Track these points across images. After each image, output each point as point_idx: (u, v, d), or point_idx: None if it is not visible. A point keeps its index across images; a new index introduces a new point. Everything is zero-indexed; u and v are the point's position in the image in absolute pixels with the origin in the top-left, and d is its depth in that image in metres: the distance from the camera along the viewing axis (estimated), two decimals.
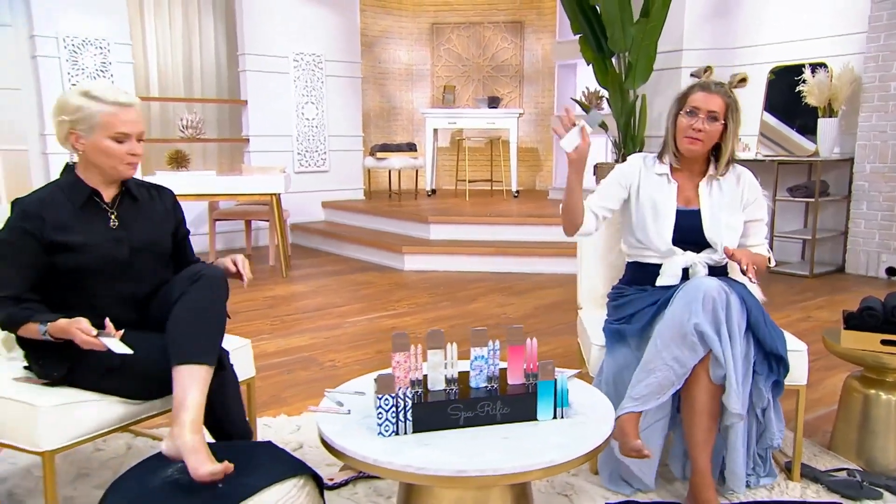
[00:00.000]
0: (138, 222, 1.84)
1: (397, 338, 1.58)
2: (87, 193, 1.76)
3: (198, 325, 1.66)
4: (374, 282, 4.99)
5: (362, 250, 5.89)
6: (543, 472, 1.44)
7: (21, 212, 1.70)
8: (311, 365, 3.19)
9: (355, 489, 2.03)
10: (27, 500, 1.98)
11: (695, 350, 1.74)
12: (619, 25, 5.60)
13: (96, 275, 1.73)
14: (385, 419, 1.52)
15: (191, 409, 1.55)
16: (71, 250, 1.71)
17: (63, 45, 5.35)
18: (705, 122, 1.95)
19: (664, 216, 2.01)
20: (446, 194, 7.64)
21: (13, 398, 1.65)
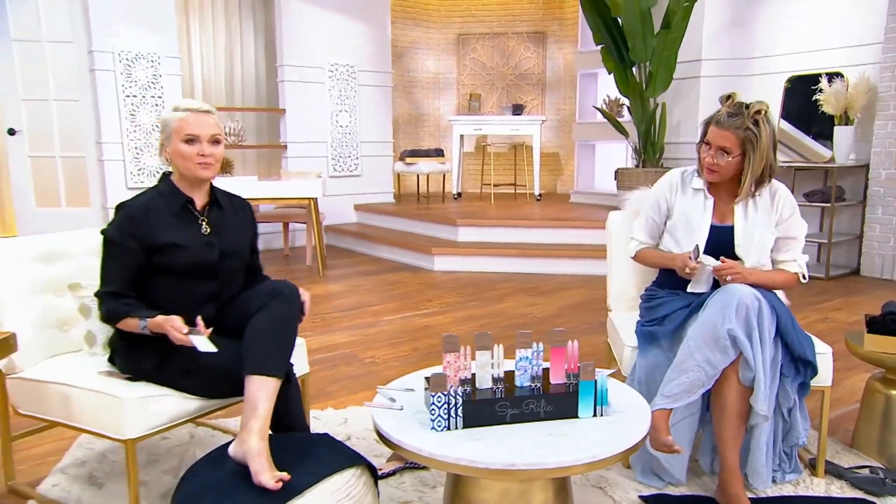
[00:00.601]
0: (225, 229, 1.91)
1: (448, 339, 1.63)
2: (183, 201, 1.85)
3: (272, 340, 1.71)
4: (405, 281, 5.05)
5: (393, 251, 5.95)
6: (586, 466, 1.48)
7: (126, 216, 1.79)
8: (353, 361, 3.25)
9: (402, 479, 2.08)
10: (106, 482, 2.06)
11: (726, 353, 1.77)
12: (641, 37, 5.61)
13: (187, 275, 1.81)
14: (438, 415, 1.57)
15: (260, 417, 1.60)
16: (167, 252, 1.79)
17: (118, 60, 5.49)
18: (716, 156, 1.95)
19: (698, 230, 2.02)
20: (471, 197, 7.68)
21: (101, 391, 1.74)
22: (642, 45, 5.63)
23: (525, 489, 1.61)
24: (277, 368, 1.68)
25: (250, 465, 1.52)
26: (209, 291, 1.87)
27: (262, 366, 1.67)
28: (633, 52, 5.68)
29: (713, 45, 5.91)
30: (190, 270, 1.82)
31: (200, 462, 1.68)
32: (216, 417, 2.48)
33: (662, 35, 5.57)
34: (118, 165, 5.65)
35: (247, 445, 1.55)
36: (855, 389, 2.72)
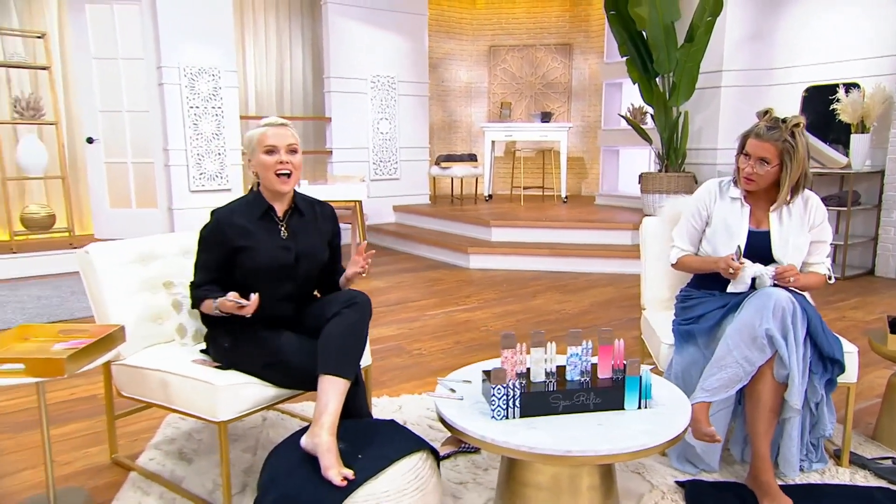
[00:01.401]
0: (303, 234, 1.98)
1: (506, 337, 1.70)
2: (265, 208, 1.94)
3: (345, 345, 1.77)
4: (443, 278, 5.12)
5: (430, 250, 6.03)
6: (634, 454, 1.54)
7: (215, 220, 1.90)
8: (401, 353, 3.33)
9: (456, 462, 2.14)
10: (194, 458, 2.17)
11: (763, 351, 1.81)
12: (665, 49, 5.59)
13: (266, 275, 1.89)
14: (497, 405, 1.64)
15: (331, 414, 1.66)
16: (246, 253, 1.88)
17: (183, 74, 5.65)
18: (756, 166, 1.98)
19: (736, 236, 2.05)
20: (502, 199, 7.72)
21: (197, 378, 1.83)
22: (666, 57, 5.62)
23: (575, 473, 1.67)
24: (348, 371, 1.74)
25: (320, 459, 1.58)
26: (287, 291, 1.95)
27: (334, 368, 1.73)
28: (658, 63, 5.67)
29: (734, 56, 5.87)
30: (268, 271, 1.89)
31: (282, 445, 1.75)
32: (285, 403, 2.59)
33: (686, 48, 5.55)
34: (182, 170, 5.82)
35: (318, 440, 1.62)
36: (874, 385, 2.73)
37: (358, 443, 1.69)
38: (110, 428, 2.16)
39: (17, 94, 5.60)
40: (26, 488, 2.00)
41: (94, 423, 2.45)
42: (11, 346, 1.72)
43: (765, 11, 5.78)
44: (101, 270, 2.05)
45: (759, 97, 5.77)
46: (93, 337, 1.76)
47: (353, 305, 1.83)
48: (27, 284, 4.82)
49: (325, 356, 1.74)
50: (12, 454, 2.23)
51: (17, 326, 1.80)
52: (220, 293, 1.84)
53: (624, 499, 1.87)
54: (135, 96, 5.81)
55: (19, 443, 2.31)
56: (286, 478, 1.61)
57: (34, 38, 5.68)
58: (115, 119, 5.87)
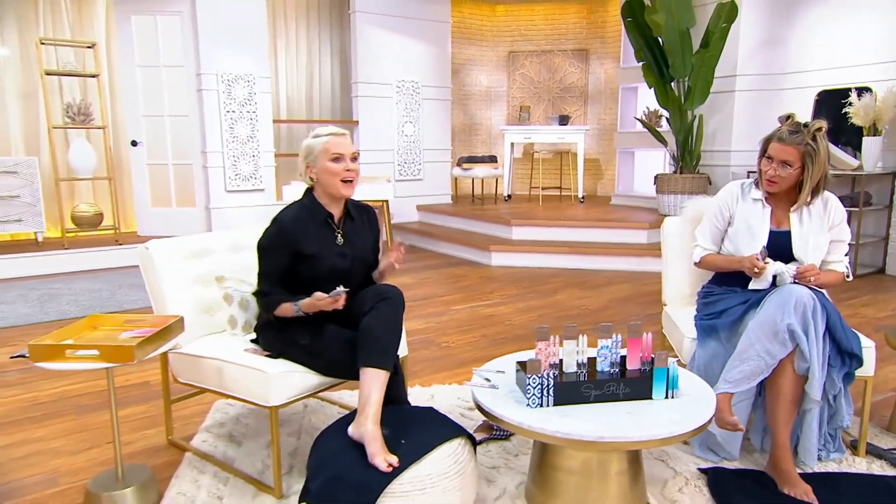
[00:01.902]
0: (356, 239, 2.02)
1: (540, 330, 1.74)
2: (325, 215, 1.96)
3: (382, 337, 1.79)
4: (467, 275, 5.15)
5: (453, 247, 6.06)
6: (662, 441, 1.57)
7: (278, 229, 1.89)
8: (430, 345, 3.37)
9: (488, 448, 2.17)
10: (243, 441, 2.24)
11: (785, 345, 1.83)
12: (680, 55, 5.58)
13: (323, 279, 1.92)
14: (533, 394, 1.68)
15: (373, 405, 1.69)
16: (309, 261, 1.91)
17: (220, 80, 5.74)
18: (778, 168, 2.00)
19: (758, 236, 2.06)
20: (521, 199, 7.74)
21: (250, 366, 1.88)
22: (682, 63, 5.60)
23: (604, 459, 1.70)
24: (387, 363, 1.78)
25: (367, 447, 1.62)
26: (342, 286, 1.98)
27: (374, 360, 1.76)
28: (673, 68, 5.65)
29: (748, 61, 5.83)
30: (326, 276, 1.92)
31: (328, 431, 1.80)
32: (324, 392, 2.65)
33: (701, 53, 5.53)
34: (219, 171, 5.93)
35: (364, 429, 1.66)
36: (888, 379, 2.72)
37: (400, 429, 1.73)
38: (167, 411, 2.23)
39: (68, 101, 5.74)
40: (95, 465, 2.08)
41: (148, 408, 2.54)
42: (84, 334, 1.80)
43: (778, 17, 5.73)
44: (160, 265, 2.12)
45: (773, 101, 5.73)
46: (156, 327, 1.83)
47: (386, 300, 1.85)
48: (79, 278, 4.95)
49: (365, 350, 1.78)
50: (78, 434, 2.31)
51: (87, 316, 1.88)
52: (291, 297, 1.87)
53: (649, 484, 1.90)
54: (175, 102, 5.92)
55: (82, 424, 2.39)
56: (335, 460, 1.66)
57: (84, 48, 5.81)
58: (157, 123, 5.99)
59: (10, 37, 5.94)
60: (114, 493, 1.77)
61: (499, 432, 2.24)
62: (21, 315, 3.86)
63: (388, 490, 1.54)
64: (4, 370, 2.99)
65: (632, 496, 1.74)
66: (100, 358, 1.63)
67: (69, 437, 2.29)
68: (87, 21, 6.25)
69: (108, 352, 1.62)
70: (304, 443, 2.22)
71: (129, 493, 1.79)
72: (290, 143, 7.15)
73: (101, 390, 2.71)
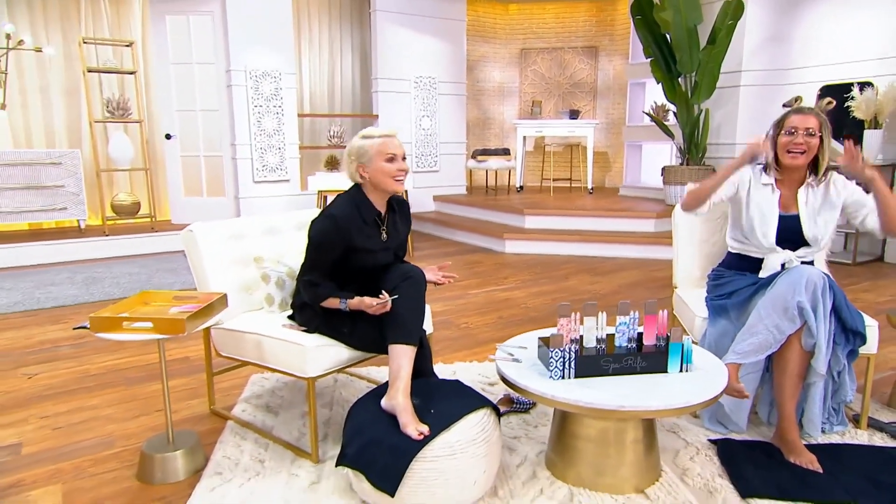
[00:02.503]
0: (394, 232, 2.02)
1: (562, 307, 1.76)
2: (375, 215, 1.94)
3: (407, 315, 1.81)
4: (482, 261, 5.17)
5: (468, 235, 6.08)
6: (678, 410, 1.59)
7: (332, 223, 1.86)
8: (450, 326, 3.40)
9: (509, 420, 2.20)
10: (280, 411, 2.29)
11: (794, 322, 1.84)
12: (688, 51, 5.52)
13: (368, 272, 1.94)
14: (555, 367, 1.71)
15: (403, 379, 1.72)
16: (357, 255, 1.92)
17: (249, 76, 5.78)
18: (803, 136, 1.98)
19: (769, 222, 2.05)
20: (532, 190, 7.73)
21: (289, 340, 1.92)
22: (689, 59, 5.55)
23: (621, 428, 1.73)
24: (413, 338, 1.80)
25: (399, 417, 1.65)
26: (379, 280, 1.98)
27: (401, 336, 1.79)
28: (681, 64, 5.60)
29: (753, 57, 5.76)
30: (371, 269, 1.95)
31: (361, 401, 1.83)
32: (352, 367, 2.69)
33: (708, 49, 5.47)
34: (247, 163, 5.98)
35: (395, 401, 1.69)
36: (889, 359, 2.71)
37: (430, 399, 1.76)
38: (209, 383, 2.29)
39: (108, 97, 5.80)
40: (145, 430, 2.14)
41: (190, 381, 2.59)
42: (137, 309, 1.85)
43: (783, 15, 5.66)
44: (203, 246, 2.16)
45: (776, 96, 5.67)
46: (202, 302, 1.87)
47: (409, 279, 1.87)
48: (119, 263, 5.04)
49: (392, 327, 1.81)
50: (128, 403, 2.38)
51: (139, 293, 1.93)
52: (338, 293, 1.89)
53: (662, 453, 1.92)
54: (206, 97, 5.97)
55: (132, 394, 2.46)
56: (370, 427, 1.70)
57: (122, 47, 5.87)
58: (190, 117, 6.04)
59: (55, 37, 6.01)
60: (166, 455, 1.82)
61: (519, 405, 2.27)
62: (69, 296, 3.95)
63: (420, 455, 1.58)
64: (58, 345, 3.07)
65: (646, 463, 1.76)
66: (153, 330, 1.67)
67: (120, 405, 2.36)
68: (125, 21, 6.31)
69: (161, 324, 1.67)
70: (336, 413, 2.26)
71: (180, 455, 1.84)
72: (313, 136, 7.18)
73: (147, 364, 2.78)
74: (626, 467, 1.73)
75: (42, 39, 5.94)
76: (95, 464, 1.92)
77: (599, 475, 1.73)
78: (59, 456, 1.97)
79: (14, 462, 1.95)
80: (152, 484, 1.80)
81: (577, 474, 1.76)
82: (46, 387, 2.54)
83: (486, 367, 2.71)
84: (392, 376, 1.76)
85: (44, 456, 1.98)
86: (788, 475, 1.78)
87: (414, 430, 1.61)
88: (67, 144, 6.12)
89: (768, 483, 1.74)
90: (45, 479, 1.84)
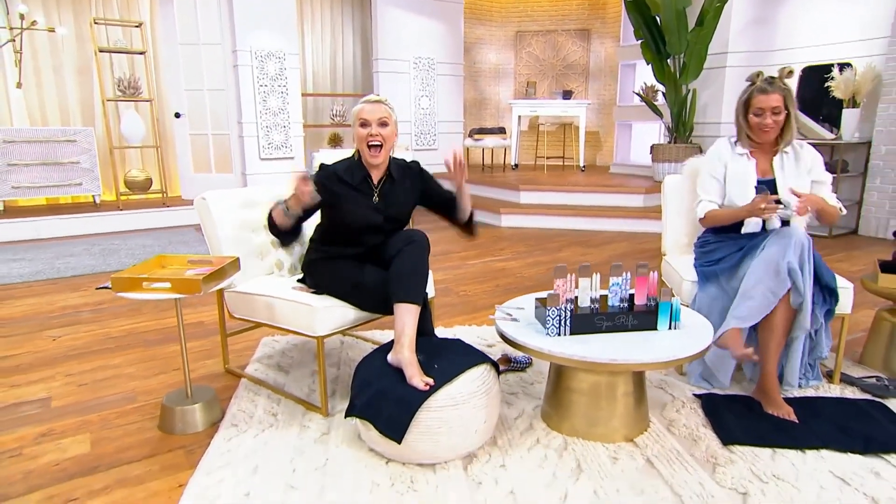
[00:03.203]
0: (392, 198, 2.00)
1: (558, 269, 1.76)
2: (363, 175, 1.96)
3: (412, 276, 1.81)
4: (480, 234, 5.12)
5: None
6: (666, 363, 1.61)
7: (324, 172, 1.95)
8: (450, 293, 3.40)
9: (506, 378, 2.22)
10: (290, 370, 2.30)
11: (785, 283, 1.83)
12: (677, 33, 5.45)
13: (357, 230, 1.95)
14: (552, 324, 1.72)
15: (408, 334, 1.72)
16: (339, 210, 1.92)
17: (254, 57, 5.68)
18: (770, 116, 2.00)
19: (748, 186, 2.07)
20: (526, 168, 7.68)
21: (298, 301, 1.92)
22: (677, 40, 5.47)
23: (612, 382, 1.75)
24: (417, 297, 1.80)
25: (405, 370, 1.66)
26: (375, 243, 1.99)
27: (406, 296, 1.79)
28: (670, 45, 5.53)
29: (738, 39, 5.69)
30: (359, 226, 1.94)
31: (368, 358, 1.84)
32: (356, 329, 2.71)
33: (696, 31, 5.40)
34: (253, 140, 5.91)
35: (401, 356, 1.70)
36: (861, 321, 2.74)
37: (433, 356, 1.77)
38: (223, 343, 2.30)
39: (119, 76, 5.71)
40: (165, 387, 2.16)
41: (205, 343, 2.60)
42: (155, 271, 1.85)
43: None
44: (216, 213, 2.15)
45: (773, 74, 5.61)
46: (216, 266, 1.87)
47: (413, 243, 1.86)
48: (133, 236, 5.02)
49: (397, 288, 1.80)
50: (147, 362, 2.39)
51: (156, 256, 1.92)
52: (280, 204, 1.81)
53: (651, 407, 1.95)
54: (213, 77, 5.87)
55: (151, 355, 2.47)
56: (377, 380, 1.71)
57: (132, 27, 5.75)
58: (198, 96, 5.96)
59: (66, 17, 5.88)
60: (185, 408, 1.84)
61: (516, 364, 2.29)
62: (87, 265, 3.94)
63: (426, 405, 1.60)
64: (79, 310, 3.07)
65: (636, 415, 1.79)
66: (171, 290, 1.67)
67: (140, 364, 2.37)
68: (134, 2, 6.17)
69: (178, 284, 1.67)
70: (343, 372, 2.28)
71: (198, 408, 1.86)
72: (316, 115, 7.10)
73: (163, 328, 2.79)
74: (616, 419, 1.76)
75: (54, 20, 5.81)
76: (120, 416, 1.94)
77: (592, 426, 1.76)
78: (85, 409, 1.99)
79: (45, 414, 1.97)
80: (173, 434, 1.82)
81: (571, 426, 1.78)
82: (70, 348, 2.55)
83: (484, 331, 2.73)
84: (397, 333, 1.77)
85: (72, 409, 2.00)
86: (767, 425, 1.81)
87: (420, 382, 1.62)
88: (81, 122, 6.03)
89: (748, 431, 1.77)
90: (74, 429, 1.86)
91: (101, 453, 1.72)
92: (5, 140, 5.00)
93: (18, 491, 1.55)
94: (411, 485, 1.57)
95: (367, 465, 1.65)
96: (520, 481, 1.57)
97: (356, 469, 1.63)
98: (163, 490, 1.54)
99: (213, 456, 1.69)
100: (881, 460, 1.66)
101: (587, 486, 1.55)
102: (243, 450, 1.73)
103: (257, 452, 1.72)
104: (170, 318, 2.91)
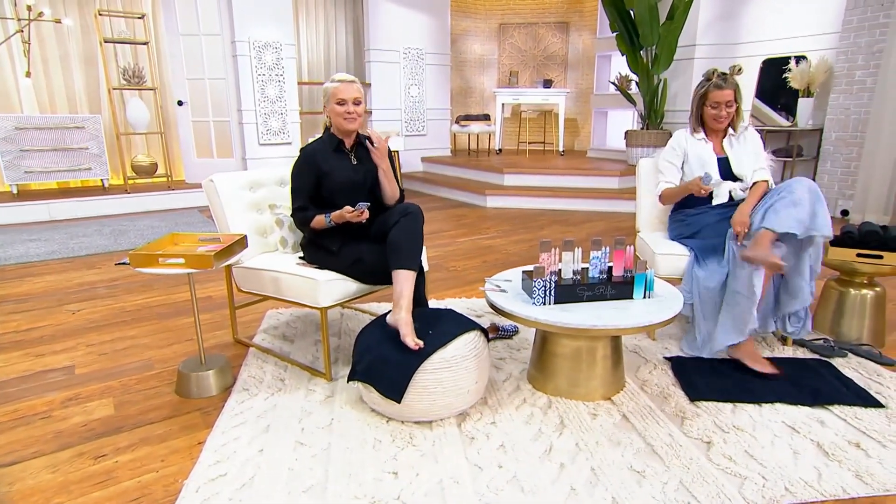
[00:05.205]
0: (367, 160, 2.04)
1: (543, 243, 1.78)
2: (337, 143, 2.01)
3: (408, 244, 1.83)
4: (467, 215, 5.16)
5: (453, 192, 6.04)
6: (641, 328, 1.64)
7: (303, 156, 1.98)
8: (441, 269, 3.41)
9: (495, 344, 2.25)
10: (295, 339, 2.31)
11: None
12: (649, 26, 5.41)
13: (344, 192, 1.97)
14: (537, 294, 1.75)
15: (405, 298, 1.75)
16: (330, 176, 1.96)
17: (252, 47, 5.54)
18: (725, 109, 2.15)
19: (710, 163, 2.20)
20: (509, 152, 7.66)
21: (302, 275, 1.92)
22: (650, 33, 5.44)
23: (592, 346, 1.78)
24: (413, 264, 1.82)
25: (400, 329, 1.69)
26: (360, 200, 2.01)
27: (403, 262, 1.81)
28: (643, 37, 5.50)
29: (706, 32, 5.68)
30: (346, 187, 1.97)
31: (368, 327, 1.85)
32: (355, 302, 2.72)
33: (667, 24, 5.37)
34: (252, 127, 5.80)
35: (398, 316, 1.72)
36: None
37: (427, 323, 1.78)
38: (232, 315, 2.29)
39: (123, 65, 5.54)
40: (179, 356, 2.15)
41: (214, 316, 2.60)
42: (169, 248, 1.83)
43: None
44: (223, 194, 2.12)
45: (726, 67, 5.62)
46: (225, 243, 1.86)
47: (408, 215, 1.88)
48: (140, 218, 4.94)
49: (395, 255, 1.81)
50: (161, 334, 2.38)
51: (168, 234, 1.90)
52: (321, 212, 1.91)
53: (627, 369, 2.00)
54: (214, 66, 5.72)
55: (164, 327, 2.46)
56: (377, 347, 1.73)
57: (135, 19, 5.57)
58: (199, 85, 5.81)
59: (72, 9, 5.67)
60: (199, 374, 1.84)
61: (504, 332, 2.32)
62: (99, 245, 3.88)
63: (422, 367, 1.62)
64: (95, 287, 3.03)
65: (613, 376, 1.83)
66: (185, 265, 1.66)
67: (155, 335, 2.36)
68: None
69: (191, 260, 1.66)
70: (345, 342, 2.29)
71: (212, 374, 1.86)
72: (311, 103, 6.98)
73: (175, 302, 2.77)
74: (596, 380, 1.80)
75: (60, 11, 5.60)
76: (140, 382, 1.94)
77: (574, 386, 1.80)
78: (107, 375, 1.99)
79: (70, 380, 1.97)
80: (189, 398, 1.82)
81: (554, 386, 1.82)
82: (89, 321, 2.53)
83: (474, 302, 2.75)
84: (395, 297, 1.79)
85: (95, 376, 1.99)
86: (730, 383, 1.86)
87: (411, 341, 1.64)
88: (88, 109, 5.87)
89: (713, 389, 1.82)
90: (99, 394, 1.86)
91: (125, 415, 1.73)
92: (17, 127, 4.86)
93: (52, 447, 1.56)
94: (410, 440, 1.60)
95: (369, 423, 1.68)
96: (509, 436, 1.61)
97: (360, 427, 1.66)
98: (183, 447, 1.56)
99: (228, 417, 1.71)
100: (826, 411, 1.72)
101: (570, 439, 1.59)
102: (255, 411, 1.75)
103: (268, 413, 1.73)
104: (179, 293, 2.89)
